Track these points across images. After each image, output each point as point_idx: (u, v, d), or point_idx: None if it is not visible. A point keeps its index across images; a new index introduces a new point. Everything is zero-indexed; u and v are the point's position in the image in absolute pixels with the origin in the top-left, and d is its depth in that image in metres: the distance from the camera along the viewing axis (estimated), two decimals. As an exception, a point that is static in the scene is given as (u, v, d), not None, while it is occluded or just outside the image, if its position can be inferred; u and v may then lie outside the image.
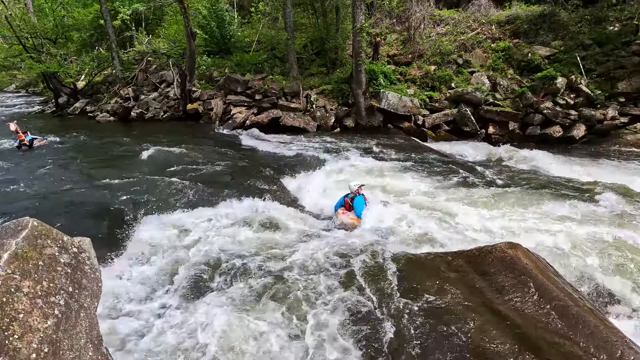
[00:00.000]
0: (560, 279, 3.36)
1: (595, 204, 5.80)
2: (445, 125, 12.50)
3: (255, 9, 20.16)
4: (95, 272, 2.68)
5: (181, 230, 5.11)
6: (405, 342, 2.92)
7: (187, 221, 5.35)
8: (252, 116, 13.93)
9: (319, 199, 6.97)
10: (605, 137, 11.26)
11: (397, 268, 3.94)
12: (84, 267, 2.61)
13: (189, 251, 4.57)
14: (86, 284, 2.55)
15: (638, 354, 2.45)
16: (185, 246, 4.71)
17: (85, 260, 2.66)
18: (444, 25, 15.95)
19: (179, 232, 5.07)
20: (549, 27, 14.14)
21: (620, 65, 12.05)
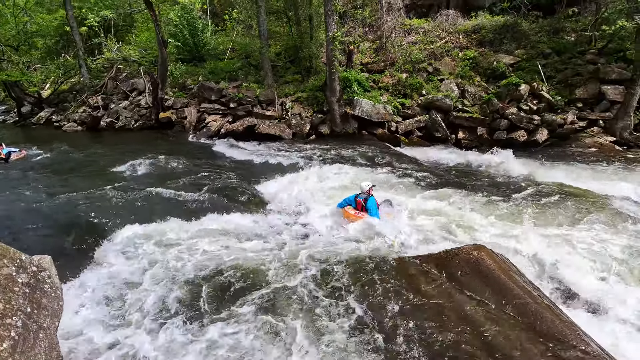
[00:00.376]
0: (521, 278, 3.53)
1: (554, 205, 6.13)
2: (417, 131, 12.85)
3: (229, 17, 20.10)
4: (56, 290, 2.60)
5: (151, 244, 4.99)
6: (375, 341, 2.99)
7: (158, 234, 5.23)
8: (227, 124, 13.82)
9: (295, 205, 6.98)
10: (566, 140, 11.90)
11: (370, 272, 4.01)
12: (43, 286, 2.52)
13: (159, 266, 4.46)
14: (46, 304, 2.46)
15: (589, 344, 2.62)
16: (155, 260, 4.59)
17: (46, 278, 2.57)
18: (415, 34, 16.46)
19: (150, 246, 4.94)
20: (512, 37, 14.88)
21: (577, 72, 12.83)
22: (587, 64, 12.82)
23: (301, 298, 3.74)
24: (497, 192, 7.06)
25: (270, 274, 4.22)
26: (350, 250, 4.62)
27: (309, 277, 4.08)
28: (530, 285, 3.42)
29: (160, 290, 3.99)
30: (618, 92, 11.82)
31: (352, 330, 3.23)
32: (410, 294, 3.51)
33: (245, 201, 6.90)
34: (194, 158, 10.28)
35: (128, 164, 9.03)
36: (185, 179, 7.90)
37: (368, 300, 3.60)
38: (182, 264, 4.50)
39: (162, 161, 9.43)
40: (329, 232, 5.68)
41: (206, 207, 6.37)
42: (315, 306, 3.59)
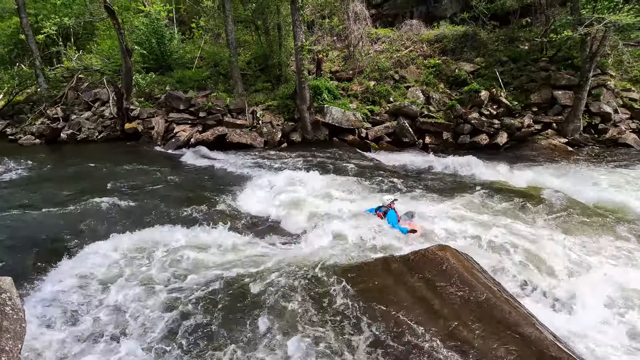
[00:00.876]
0: (483, 274, 3.76)
1: (513, 204, 6.54)
2: (386, 136, 13.23)
3: (197, 25, 19.88)
4: (17, 312, 2.50)
5: (117, 259, 4.83)
6: (347, 340, 3.08)
7: (124, 248, 5.07)
8: (197, 134, 13.61)
9: (268, 214, 6.99)
10: (524, 142, 12.66)
11: (341, 275, 4.11)
12: (4, 308, 2.43)
13: (125, 282, 4.32)
14: (7, 326, 2.37)
15: (542, 333, 2.85)
16: (121, 276, 4.46)
17: (6, 300, 2.47)
18: (381, 43, 17.00)
19: (115, 261, 4.79)
20: (471, 46, 15.71)
21: (532, 79, 13.73)
22: (540, 71, 13.75)
23: (272, 304, 3.77)
24: (460, 192, 7.44)
25: (244, 283, 4.22)
26: (319, 257, 4.69)
27: (280, 284, 4.12)
28: (491, 281, 3.65)
29: (128, 307, 3.89)
30: (568, 96, 12.75)
31: (318, 331, 3.30)
32: (378, 294, 3.63)
33: (215, 211, 6.83)
34: (162, 169, 10.04)
35: (91, 177, 8.70)
36: (152, 191, 7.72)
37: (339, 301, 3.69)
38: (149, 278, 4.40)
39: (128, 173, 9.17)
40: (304, 240, 5.75)
41: (175, 218, 6.26)
42: (286, 311, 3.63)
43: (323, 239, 5.62)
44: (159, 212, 6.57)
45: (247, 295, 4.01)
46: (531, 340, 2.81)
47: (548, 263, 4.60)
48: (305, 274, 4.31)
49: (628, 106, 13.11)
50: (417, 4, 19.38)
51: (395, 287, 3.77)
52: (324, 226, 5.97)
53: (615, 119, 12.69)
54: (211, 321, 3.64)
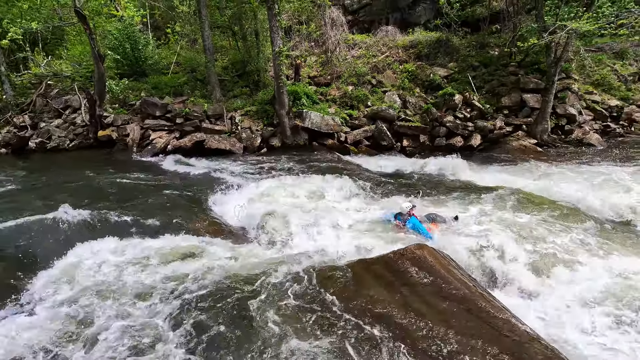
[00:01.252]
0: (459, 271, 3.87)
1: (485, 204, 6.79)
2: (365, 140, 13.42)
3: (172, 31, 19.61)
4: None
5: (87, 274, 4.66)
6: (327, 341, 3.10)
7: (94, 261, 4.89)
8: (174, 140, 13.37)
9: (247, 220, 6.92)
10: (496, 144, 13.13)
11: (322, 278, 4.13)
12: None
13: (95, 299, 4.14)
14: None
15: (515, 324, 2.97)
16: (88, 290, 4.29)
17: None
18: (358, 49, 17.30)
19: (89, 273, 4.63)
20: (445, 51, 16.22)
21: (502, 83, 14.29)
22: (509, 75, 14.34)
23: (252, 308, 3.75)
24: (437, 193, 7.65)
25: (223, 290, 4.18)
26: (300, 261, 4.70)
27: (261, 289, 4.10)
28: (467, 277, 3.77)
29: (104, 322, 3.76)
30: (536, 99, 13.34)
31: (297, 334, 3.31)
32: (359, 295, 3.68)
33: (194, 219, 6.71)
34: (138, 177, 9.80)
35: (62, 187, 8.38)
36: (128, 199, 7.51)
37: (321, 304, 3.70)
38: (125, 290, 4.27)
39: (102, 182, 8.88)
40: (286, 244, 5.74)
41: (153, 227, 6.11)
42: (266, 316, 3.62)
43: (304, 244, 5.65)
44: (135, 221, 6.40)
45: (228, 302, 3.96)
46: (505, 331, 2.93)
47: (510, 256, 4.83)
48: (285, 277, 4.31)
49: (591, 108, 13.85)
50: (392, 10, 19.87)
51: (375, 287, 3.82)
52: (305, 230, 5.99)
53: (580, 120, 13.38)
54: (193, 331, 3.57)
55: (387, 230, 5.96)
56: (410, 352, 2.94)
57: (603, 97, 14.30)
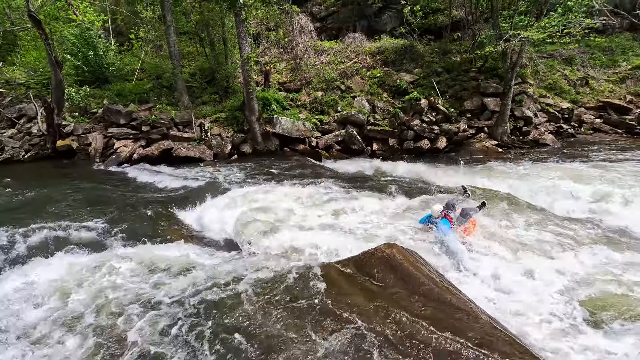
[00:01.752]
0: (427, 268, 4.03)
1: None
2: (336, 145, 13.60)
3: (136, 36, 19.04)
4: None
5: (51, 290, 4.43)
6: (302, 345, 3.12)
7: (55, 276, 4.67)
8: (140, 149, 12.94)
9: (219, 228, 6.83)
10: (461, 146, 13.71)
11: (296, 282, 4.16)
12: None
13: (56, 318, 3.95)
14: None
15: (479, 315, 3.14)
16: (49, 308, 4.09)
17: None
18: (326, 55, 17.54)
19: (45, 291, 4.40)
20: (410, 57, 16.80)
21: (464, 88, 14.98)
22: (471, 80, 15.06)
23: (225, 315, 3.71)
24: (404, 194, 7.93)
25: (199, 296, 4.10)
26: (275, 266, 4.71)
27: (237, 295, 4.07)
28: (434, 273, 3.92)
29: (62, 340, 3.59)
30: (496, 103, 14.08)
31: (274, 339, 3.32)
32: (332, 297, 3.74)
33: (163, 229, 6.54)
34: (101, 187, 9.42)
35: (17, 201, 7.89)
36: (91, 211, 7.19)
37: (294, 306, 3.73)
38: (87, 306, 4.10)
39: (62, 194, 8.44)
40: (259, 250, 5.71)
41: (118, 238, 5.90)
42: (240, 321, 3.60)
43: (277, 248, 5.64)
44: (100, 233, 6.15)
45: (200, 309, 3.90)
46: (470, 322, 3.08)
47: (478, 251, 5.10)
48: (259, 282, 4.30)
49: (545, 110, 14.80)
50: (359, 18, 20.35)
51: (348, 288, 3.90)
52: (277, 235, 5.99)
53: (535, 122, 14.24)
54: (167, 337, 3.48)
55: (359, 232, 6.06)
56: (383, 346, 3.02)
57: (555, 100, 15.32)
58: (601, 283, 4.39)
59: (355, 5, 19.96)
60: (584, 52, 17.19)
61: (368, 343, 3.09)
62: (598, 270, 4.69)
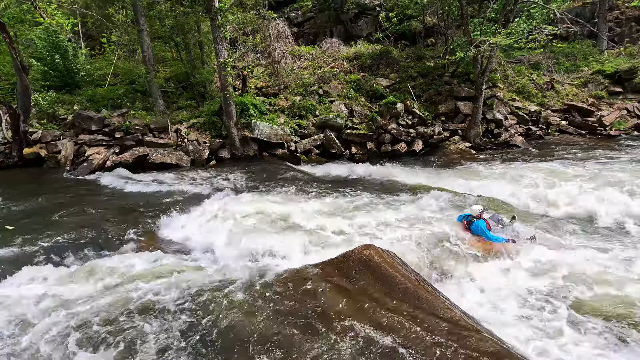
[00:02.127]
0: (403, 267, 4.13)
1: (423, 204, 7.31)
2: (315, 149, 13.68)
3: (108, 40, 18.52)
4: None
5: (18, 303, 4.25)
6: (282, 343, 3.14)
7: (23, 291, 4.48)
8: (114, 156, 12.55)
9: (198, 236, 6.72)
10: (436, 148, 14.11)
11: (276, 285, 4.17)
12: None
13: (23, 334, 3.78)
14: None
15: (453, 311, 3.26)
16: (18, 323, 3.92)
17: None
18: (304, 60, 17.67)
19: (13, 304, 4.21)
20: (386, 63, 17.17)
21: (438, 92, 15.44)
22: (444, 85, 15.54)
23: (203, 320, 3.67)
24: (383, 195, 8.09)
25: (171, 310, 4.03)
26: (253, 271, 4.70)
27: (213, 301, 4.03)
28: (410, 272, 4.03)
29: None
30: (468, 107, 14.59)
31: (255, 338, 3.32)
32: (313, 298, 3.77)
33: (138, 238, 6.38)
34: (72, 196, 9.08)
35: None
36: (59, 221, 6.94)
37: (277, 310, 3.73)
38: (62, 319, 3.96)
39: (29, 204, 8.10)
40: (237, 254, 5.68)
41: (90, 247, 5.72)
42: (218, 325, 3.57)
43: (256, 253, 5.63)
44: (73, 243, 5.93)
45: (175, 317, 3.84)
46: (444, 318, 3.19)
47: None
48: (238, 286, 4.27)
49: (515, 113, 15.45)
50: (335, 24, 20.63)
51: (327, 289, 3.94)
52: (258, 241, 5.97)
53: (506, 124, 14.84)
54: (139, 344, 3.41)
55: (340, 234, 6.11)
56: (361, 343, 3.08)
57: (524, 103, 16.02)
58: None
59: (331, 11, 20.24)
60: (549, 58, 18.09)
61: (347, 342, 3.14)
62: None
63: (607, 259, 5.02)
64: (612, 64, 17.29)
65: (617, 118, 15.36)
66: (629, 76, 16.38)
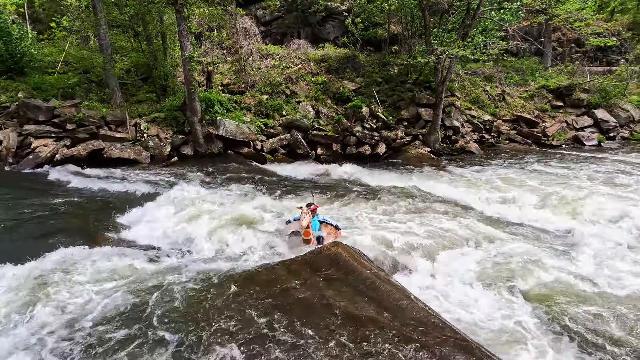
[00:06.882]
0: (370, 264, 4.31)
1: (386, 204, 7.61)
2: (282, 149, 13.67)
3: (58, 25, 17.24)
4: None
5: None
6: (251, 338, 3.17)
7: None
8: (64, 149, 11.71)
9: (153, 234, 6.46)
10: (399, 152, 14.63)
11: (244, 282, 4.16)
12: None
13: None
14: None
15: (416, 303, 3.46)
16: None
17: None
18: (272, 59, 17.59)
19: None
20: (352, 67, 17.54)
21: (401, 98, 16.04)
22: (407, 91, 16.18)
23: (173, 318, 3.59)
24: (342, 195, 8.32)
25: (135, 303, 3.89)
26: (221, 268, 4.65)
27: (181, 298, 3.95)
28: (376, 268, 4.21)
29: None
30: (429, 113, 15.30)
31: (225, 340, 3.31)
32: (281, 295, 3.82)
33: (87, 235, 6.01)
34: (12, 191, 8.38)
35: None
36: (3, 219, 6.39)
37: (245, 309, 3.73)
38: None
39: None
40: (203, 254, 5.56)
41: (28, 249, 5.26)
42: (188, 323, 3.51)
43: (220, 252, 5.56)
44: (15, 243, 5.49)
45: (142, 313, 3.71)
46: (407, 309, 3.39)
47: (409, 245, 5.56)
48: (203, 284, 4.21)
49: (470, 121, 16.43)
50: (303, 25, 20.74)
51: (297, 286, 4.00)
52: (222, 239, 5.89)
53: (462, 131, 15.75)
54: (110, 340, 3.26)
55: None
56: (330, 335, 3.17)
57: (478, 112, 17.09)
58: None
59: (299, 12, 20.31)
60: (501, 71, 19.46)
61: (317, 335, 3.23)
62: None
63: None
64: (555, 80, 18.96)
65: (558, 130, 16.88)
66: (569, 92, 18.05)
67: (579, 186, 8.95)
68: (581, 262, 5.22)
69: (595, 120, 17.21)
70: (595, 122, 17.19)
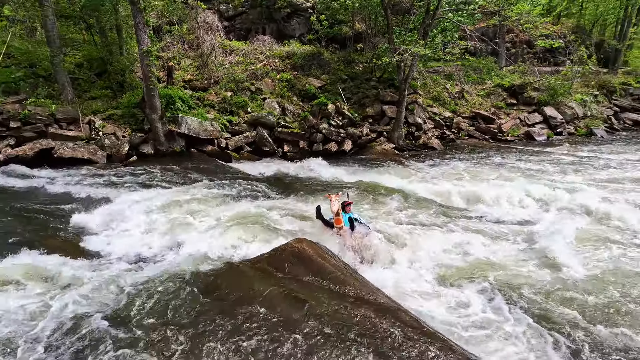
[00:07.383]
0: (333, 259, 4.36)
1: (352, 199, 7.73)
2: (247, 146, 13.45)
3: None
4: None
5: None
6: (218, 336, 3.11)
7: None
8: (8, 149, 10.84)
9: (109, 237, 6.16)
10: (364, 148, 14.89)
11: (209, 282, 4.06)
12: None
13: None
14: None
15: (377, 295, 3.56)
16: None
17: None
18: (236, 55, 17.22)
19: None
20: (318, 64, 17.56)
21: (366, 95, 16.30)
22: (372, 89, 16.47)
23: (142, 321, 3.45)
24: (311, 192, 8.36)
25: (98, 311, 3.70)
26: (181, 269, 4.51)
27: (146, 301, 3.79)
28: (339, 262, 4.28)
29: None
30: (392, 110, 15.67)
31: (191, 341, 3.23)
32: (245, 293, 3.77)
33: (34, 241, 5.63)
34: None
35: None
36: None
37: (205, 308, 3.65)
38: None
39: None
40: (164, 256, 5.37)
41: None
42: (153, 325, 3.39)
43: (182, 252, 5.40)
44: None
45: (104, 320, 3.53)
46: (370, 301, 3.47)
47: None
48: (167, 288, 4.07)
49: (432, 118, 17.03)
50: (268, 21, 20.45)
51: (261, 283, 3.96)
52: (185, 240, 5.73)
53: (424, 128, 16.29)
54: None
55: (264, 232, 6.09)
56: (295, 330, 3.18)
57: (440, 109, 17.74)
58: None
59: (264, 8, 20.02)
60: (460, 70, 20.31)
61: (278, 332, 3.23)
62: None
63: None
64: (509, 79, 20.08)
65: (512, 126, 17.92)
66: (521, 90, 19.21)
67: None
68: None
69: (544, 117, 18.44)
70: (544, 119, 18.43)
